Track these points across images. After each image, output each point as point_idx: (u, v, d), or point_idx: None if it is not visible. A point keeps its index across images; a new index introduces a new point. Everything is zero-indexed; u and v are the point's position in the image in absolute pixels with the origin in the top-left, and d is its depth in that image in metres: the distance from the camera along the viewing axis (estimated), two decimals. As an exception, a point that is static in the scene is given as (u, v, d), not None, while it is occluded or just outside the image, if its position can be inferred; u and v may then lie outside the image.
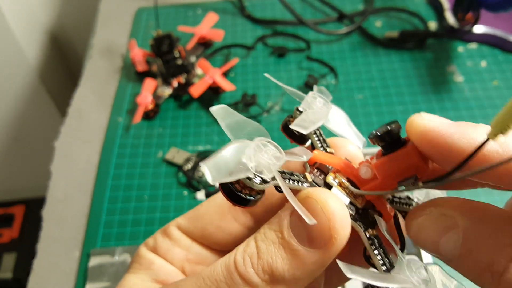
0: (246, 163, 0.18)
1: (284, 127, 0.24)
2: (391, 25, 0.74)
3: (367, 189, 0.21)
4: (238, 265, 0.20)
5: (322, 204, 0.19)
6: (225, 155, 0.18)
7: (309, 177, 0.22)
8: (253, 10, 0.78)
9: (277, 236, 0.20)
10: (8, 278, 0.97)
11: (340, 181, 0.22)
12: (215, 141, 0.61)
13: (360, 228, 0.21)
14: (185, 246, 0.27)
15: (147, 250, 0.27)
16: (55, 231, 0.55)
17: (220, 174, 0.18)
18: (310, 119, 0.22)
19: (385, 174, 0.21)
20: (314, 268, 0.20)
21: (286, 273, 0.19)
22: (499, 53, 0.68)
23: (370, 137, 0.21)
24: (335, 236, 0.19)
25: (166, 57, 0.64)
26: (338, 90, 0.66)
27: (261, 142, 0.19)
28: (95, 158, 0.61)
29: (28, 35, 0.87)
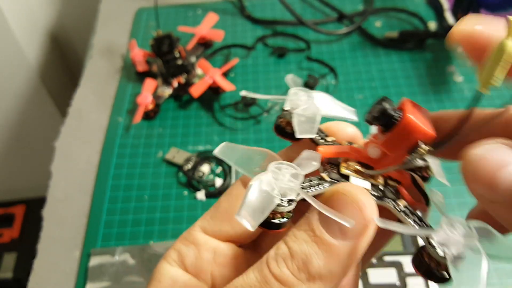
0: (271, 194, 0.19)
1: (277, 129, 0.24)
2: (391, 25, 0.74)
3: (381, 167, 0.22)
4: (272, 268, 0.20)
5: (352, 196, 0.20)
6: (251, 199, 0.19)
7: (325, 176, 0.22)
8: (253, 10, 0.78)
9: (308, 235, 0.20)
10: (9, 278, 0.97)
11: (354, 168, 0.22)
12: (215, 141, 0.61)
13: (389, 204, 0.21)
14: (212, 249, 0.25)
15: (170, 265, 0.25)
16: (56, 231, 0.55)
17: (256, 218, 0.19)
18: (307, 119, 0.23)
19: (394, 149, 0.21)
20: (349, 260, 0.20)
21: (322, 268, 0.19)
22: (499, 53, 0.68)
23: (368, 119, 0.21)
24: (368, 224, 0.19)
25: (166, 57, 0.64)
26: (338, 90, 0.66)
27: (275, 168, 0.20)
28: (95, 158, 0.61)
29: (28, 35, 0.87)
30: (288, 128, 0.24)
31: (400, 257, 0.49)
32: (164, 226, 0.54)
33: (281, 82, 0.68)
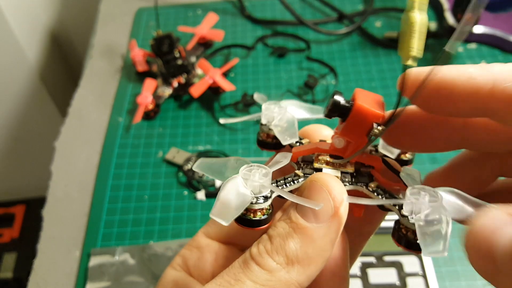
0: (243, 192, 0.21)
1: (260, 143, 0.27)
2: (391, 25, 0.74)
3: (348, 155, 0.24)
4: (253, 253, 0.21)
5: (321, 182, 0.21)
6: (224, 197, 0.20)
7: (299, 172, 0.23)
8: (253, 10, 0.78)
9: (286, 222, 0.21)
10: (9, 278, 0.97)
11: (325, 160, 0.24)
12: (215, 141, 0.61)
13: (361, 187, 0.23)
14: (214, 251, 0.27)
15: (174, 270, 0.27)
16: (56, 231, 0.55)
17: (229, 214, 0.20)
18: (286, 127, 0.25)
19: (353, 135, 0.23)
20: (324, 242, 0.21)
21: (299, 251, 0.20)
22: (499, 54, 0.68)
23: (325, 114, 0.23)
24: (337, 205, 0.21)
25: (166, 57, 0.64)
26: (338, 90, 0.66)
27: (245, 169, 0.21)
28: (95, 158, 0.61)
29: (28, 35, 0.87)
30: (269, 140, 0.26)
31: (400, 257, 0.49)
32: (164, 226, 0.54)
33: (281, 82, 0.68)
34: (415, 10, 0.18)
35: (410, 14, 0.18)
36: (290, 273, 0.20)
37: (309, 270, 0.21)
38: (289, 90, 0.66)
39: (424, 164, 0.56)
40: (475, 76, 0.19)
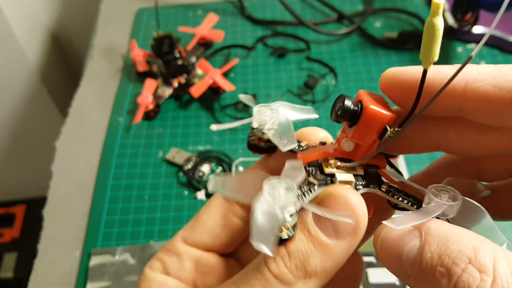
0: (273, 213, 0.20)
1: (251, 147, 0.26)
2: (391, 25, 0.74)
3: (359, 157, 0.24)
4: (271, 267, 0.21)
5: (345, 199, 0.21)
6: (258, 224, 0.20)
7: (313, 180, 0.23)
8: (253, 10, 0.78)
9: (304, 235, 0.21)
10: (9, 278, 0.97)
11: (335, 165, 0.24)
12: (215, 141, 0.62)
13: (375, 189, 0.23)
14: (193, 259, 0.26)
15: (154, 272, 0.26)
16: (56, 230, 0.55)
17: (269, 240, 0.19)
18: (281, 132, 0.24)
19: (365, 139, 0.23)
20: (342, 257, 0.21)
21: (318, 266, 0.21)
22: (499, 54, 0.68)
23: (333, 118, 0.23)
24: (360, 225, 0.21)
25: (166, 57, 0.64)
26: (338, 90, 0.66)
27: (268, 186, 0.20)
28: (95, 158, 0.61)
29: (29, 35, 0.87)
30: (261, 143, 0.25)
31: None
32: (164, 226, 0.54)
33: (281, 82, 0.68)
34: (439, 17, 0.18)
35: (435, 21, 0.18)
36: (307, 285, 0.21)
37: (324, 281, 0.21)
38: (289, 90, 0.66)
39: (424, 164, 0.57)
40: (449, 76, 0.20)
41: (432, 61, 0.19)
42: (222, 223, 0.27)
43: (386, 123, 0.22)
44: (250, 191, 0.21)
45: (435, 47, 0.18)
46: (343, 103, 0.22)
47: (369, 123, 0.22)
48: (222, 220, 0.27)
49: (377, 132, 0.22)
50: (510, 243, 0.20)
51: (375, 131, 0.22)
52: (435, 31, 0.18)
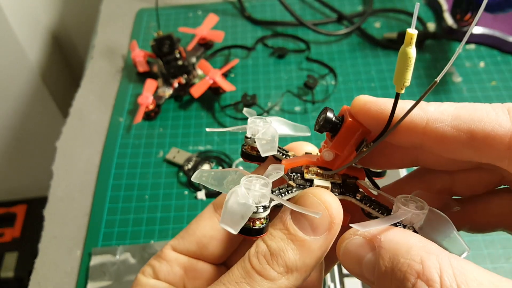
0: (246, 202, 0.22)
1: (243, 155, 0.28)
2: (390, 26, 0.74)
3: (337, 167, 0.26)
4: (254, 264, 0.22)
5: (319, 198, 0.23)
6: (230, 207, 0.22)
7: (292, 183, 0.25)
8: (253, 11, 0.79)
9: (284, 233, 0.23)
10: (10, 277, 0.97)
11: (315, 172, 0.26)
12: (215, 141, 0.62)
13: (350, 197, 0.25)
14: (183, 265, 0.28)
15: (146, 277, 0.28)
16: (57, 230, 0.55)
17: (237, 223, 0.21)
18: (267, 140, 0.26)
19: (343, 149, 0.25)
20: (320, 252, 0.23)
21: (298, 261, 0.22)
22: (498, 54, 0.68)
23: (316, 129, 0.25)
24: (334, 221, 0.23)
25: (167, 57, 0.65)
26: (338, 90, 0.66)
27: (246, 180, 0.22)
28: (96, 158, 0.61)
29: (30, 36, 0.87)
30: (253, 152, 0.27)
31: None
32: (164, 226, 0.54)
33: (281, 82, 0.68)
34: (412, 46, 0.19)
35: (408, 49, 0.19)
36: (289, 280, 0.22)
37: (305, 275, 0.23)
38: (289, 91, 0.66)
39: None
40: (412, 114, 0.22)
41: (404, 86, 0.20)
42: (211, 234, 0.29)
43: (362, 135, 0.24)
44: (229, 185, 0.23)
45: (407, 74, 0.20)
46: (325, 115, 0.24)
47: (347, 134, 0.24)
48: (211, 232, 0.29)
49: (354, 144, 0.24)
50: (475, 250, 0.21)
51: (353, 142, 0.24)
52: (408, 59, 0.20)
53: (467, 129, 0.21)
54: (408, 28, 0.19)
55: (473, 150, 0.22)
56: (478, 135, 0.21)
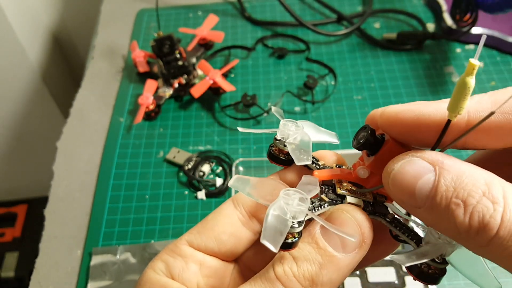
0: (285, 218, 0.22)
1: (271, 157, 0.27)
2: (390, 26, 0.74)
3: (371, 186, 0.25)
4: (279, 276, 0.22)
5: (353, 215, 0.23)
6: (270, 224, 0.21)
7: (324, 197, 0.25)
8: (253, 11, 0.79)
9: (312, 247, 0.22)
10: (11, 277, 0.97)
11: (348, 188, 0.25)
12: (216, 141, 0.62)
13: (380, 218, 0.25)
14: (198, 261, 0.27)
15: (158, 274, 0.27)
16: (57, 230, 0.55)
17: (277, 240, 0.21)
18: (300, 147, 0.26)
19: (380, 169, 0.24)
20: (347, 270, 0.23)
21: (325, 277, 0.22)
22: (497, 54, 0.69)
23: (356, 146, 0.24)
24: (365, 240, 0.23)
25: (167, 58, 0.65)
26: (337, 90, 0.66)
27: (284, 195, 0.22)
28: (97, 158, 0.62)
29: (30, 36, 0.87)
30: (281, 155, 0.27)
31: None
32: (165, 226, 0.54)
33: (281, 82, 0.68)
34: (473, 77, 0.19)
35: (468, 80, 0.19)
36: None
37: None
38: (288, 91, 0.66)
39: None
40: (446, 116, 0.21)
41: (458, 114, 0.20)
42: (230, 231, 0.27)
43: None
44: (267, 196, 0.22)
45: (463, 103, 0.20)
46: (369, 134, 0.24)
47: (388, 156, 0.23)
48: (230, 229, 0.28)
49: None
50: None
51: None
52: (467, 89, 0.19)
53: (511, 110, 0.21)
54: (471, 58, 0.19)
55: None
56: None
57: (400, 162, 0.21)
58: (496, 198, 0.19)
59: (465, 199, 0.19)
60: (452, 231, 0.19)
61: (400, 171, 0.21)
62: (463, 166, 0.20)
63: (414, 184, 0.20)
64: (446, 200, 0.19)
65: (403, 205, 0.22)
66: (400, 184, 0.21)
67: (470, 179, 0.19)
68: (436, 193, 0.20)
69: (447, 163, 0.20)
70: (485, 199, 0.19)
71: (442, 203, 0.19)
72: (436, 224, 0.20)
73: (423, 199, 0.20)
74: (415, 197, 0.20)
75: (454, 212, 0.19)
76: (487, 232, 0.18)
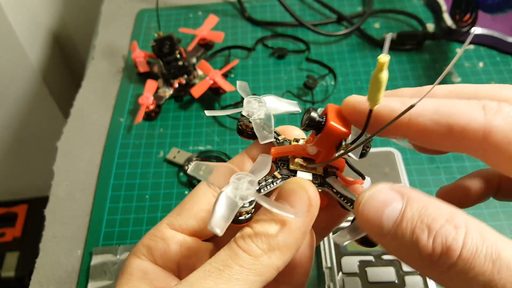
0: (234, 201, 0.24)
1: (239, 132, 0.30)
2: (389, 26, 0.74)
3: (320, 161, 0.28)
4: (239, 243, 0.24)
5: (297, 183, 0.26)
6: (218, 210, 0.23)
7: (277, 174, 0.27)
8: (253, 12, 0.79)
9: (267, 216, 0.25)
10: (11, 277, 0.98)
11: (299, 164, 0.28)
12: (215, 141, 0.62)
13: (327, 188, 0.28)
14: (178, 242, 0.29)
15: (139, 259, 0.28)
16: (58, 230, 0.55)
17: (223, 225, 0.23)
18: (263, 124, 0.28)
19: (325, 147, 0.27)
20: (299, 232, 0.25)
21: (280, 240, 0.24)
22: (497, 54, 0.69)
23: (302, 127, 0.27)
24: (312, 203, 0.25)
25: (167, 58, 0.65)
26: (337, 90, 0.66)
27: (235, 179, 0.24)
28: (97, 158, 0.62)
29: (30, 36, 0.88)
30: (248, 129, 0.29)
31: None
32: (165, 225, 0.54)
33: (281, 83, 0.68)
34: (384, 72, 0.22)
35: (380, 75, 0.22)
36: (271, 258, 0.24)
37: (286, 256, 0.24)
38: (288, 91, 0.66)
39: (423, 165, 0.57)
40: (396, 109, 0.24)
41: (376, 104, 0.23)
42: (207, 208, 0.29)
43: (342, 138, 0.26)
44: (221, 180, 0.24)
45: (379, 95, 0.22)
46: (310, 115, 0.26)
47: (328, 135, 0.26)
48: (208, 206, 0.29)
49: (334, 144, 0.27)
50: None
51: (333, 142, 0.26)
52: (379, 83, 0.22)
53: (445, 123, 0.23)
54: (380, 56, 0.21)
55: (451, 142, 0.23)
56: (455, 128, 0.23)
57: (370, 191, 0.23)
58: (459, 224, 0.20)
59: (429, 224, 0.20)
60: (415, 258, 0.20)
61: (370, 199, 0.23)
62: (429, 198, 0.22)
63: (382, 211, 0.22)
64: (412, 225, 0.21)
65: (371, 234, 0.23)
66: (368, 211, 0.22)
67: (435, 209, 0.21)
68: (402, 220, 0.21)
69: (414, 195, 0.22)
70: (448, 225, 0.20)
71: (408, 229, 0.21)
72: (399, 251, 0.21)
73: (389, 226, 0.21)
74: (382, 225, 0.22)
75: (419, 237, 0.20)
76: (449, 255, 0.19)
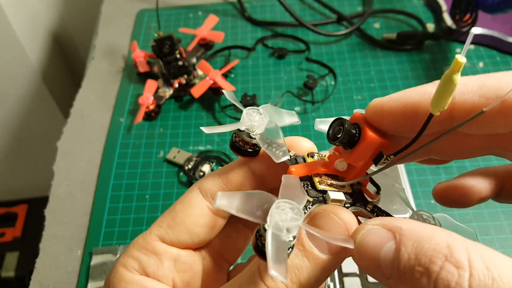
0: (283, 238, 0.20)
1: (234, 149, 0.26)
2: (390, 26, 0.74)
3: (351, 178, 0.25)
4: (267, 282, 0.22)
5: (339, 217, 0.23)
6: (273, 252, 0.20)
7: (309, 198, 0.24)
8: (253, 12, 0.79)
9: (299, 249, 0.22)
10: (11, 277, 0.98)
11: (327, 183, 0.25)
12: (216, 141, 0.62)
13: (361, 208, 0.24)
14: (172, 257, 0.27)
15: (131, 273, 0.26)
16: (58, 230, 0.55)
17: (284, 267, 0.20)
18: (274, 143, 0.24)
19: (360, 162, 0.24)
20: (332, 270, 0.23)
21: (312, 279, 0.22)
22: (497, 54, 0.69)
23: (334, 143, 0.24)
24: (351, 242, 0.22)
25: (167, 58, 0.65)
26: (337, 91, 0.66)
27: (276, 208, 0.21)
28: (97, 158, 0.62)
29: (30, 36, 0.88)
30: (247, 146, 0.26)
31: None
32: (165, 225, 0.54)
33: (281, 83, 0.68)
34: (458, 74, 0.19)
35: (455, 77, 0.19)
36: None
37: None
38: (288, 91, 0.66)
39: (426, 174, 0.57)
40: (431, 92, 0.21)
41: (441, 110, 0.19)
42: (202, 222, 0.27)
43: (381, 149, 0.23)
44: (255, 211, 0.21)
45: (447, 99, 0.19)
46: (344, 127, 0.23)
47: (367, 148, 0.23)
48: (202, 220, 0.27)
49: (371, 157, 0.24)
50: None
51: (370, 155, 0.24)
52: (452, 86, 0.19)
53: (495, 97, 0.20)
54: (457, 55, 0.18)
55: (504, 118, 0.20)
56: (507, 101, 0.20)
57: (360, 233, 0.21)
58: (460, 262, 0.18)
59: (427, 267, 0.18)
60: None
61: (362, 242, 0.21)
62: (421, 229, 0.19)
63: (377, 255, 0.20)
64: (410, 269, 0.19)
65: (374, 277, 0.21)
66: (364, 256, 0.21)
67: (431, 243, 0.19)
68: (399, 263, 0.19)
69: (406, 228, 0.20)
70: (448, 264, 0.18)
71: (407, 272, 0.19)
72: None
73: (389, 269, 0.20)
74: (381, 268, 0.20)
75: (419, 282, 0.18)
76: None
